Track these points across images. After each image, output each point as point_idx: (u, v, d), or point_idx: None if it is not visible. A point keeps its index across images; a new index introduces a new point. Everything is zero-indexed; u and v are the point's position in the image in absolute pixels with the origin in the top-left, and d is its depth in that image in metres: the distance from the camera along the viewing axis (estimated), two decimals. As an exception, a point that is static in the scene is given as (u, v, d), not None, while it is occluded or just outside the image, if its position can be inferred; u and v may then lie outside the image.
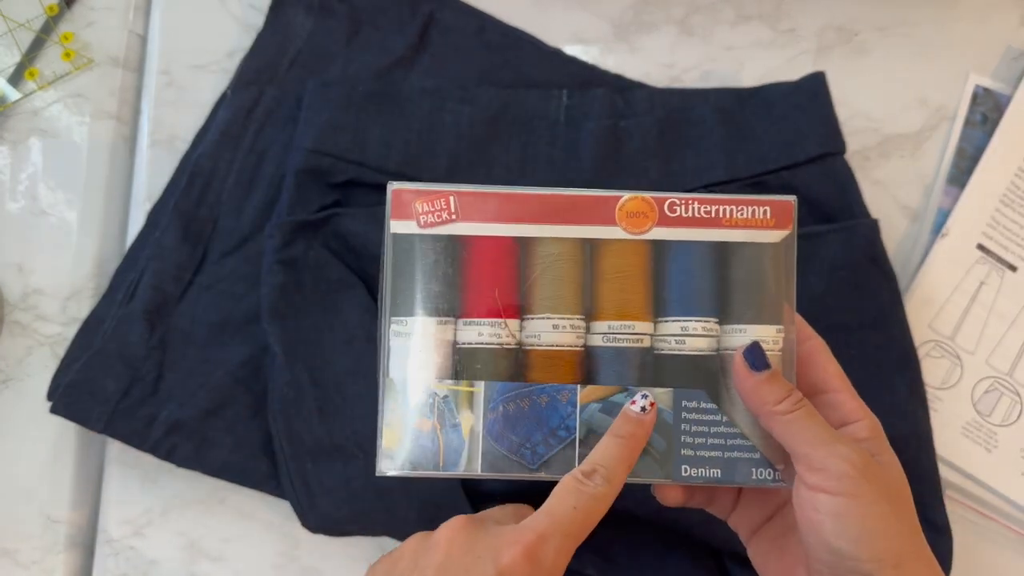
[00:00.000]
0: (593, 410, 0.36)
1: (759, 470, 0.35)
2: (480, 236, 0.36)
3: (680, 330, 0.36)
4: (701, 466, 0.36)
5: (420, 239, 0.36)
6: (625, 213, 0.36)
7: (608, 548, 0.49)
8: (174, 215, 0.54)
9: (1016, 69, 0.59)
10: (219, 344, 0.52)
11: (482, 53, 0.58)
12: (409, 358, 0.36)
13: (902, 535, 0.32)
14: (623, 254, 0.36)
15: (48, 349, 0.54)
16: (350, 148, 0.52)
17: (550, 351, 0.36)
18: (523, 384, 0.36)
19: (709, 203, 0.36)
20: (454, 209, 0.36)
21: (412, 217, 0.36)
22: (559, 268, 0.36)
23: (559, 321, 0.36)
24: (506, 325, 0.36)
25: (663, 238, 0.36)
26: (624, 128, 0.53)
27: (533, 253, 0.36)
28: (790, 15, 0.60)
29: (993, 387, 0.54)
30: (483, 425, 0.36)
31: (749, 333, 0.36)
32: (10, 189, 0.57)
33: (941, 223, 0.56)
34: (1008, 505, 0.52)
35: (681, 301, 0.36)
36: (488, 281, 0.36)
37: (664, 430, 0.35)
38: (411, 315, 0.36)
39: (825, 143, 0.52)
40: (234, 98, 0.56)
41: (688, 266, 0.36)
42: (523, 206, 0.36)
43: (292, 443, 0.48)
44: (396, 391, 0.36)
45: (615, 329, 0.36)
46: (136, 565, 0.52)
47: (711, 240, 0.36)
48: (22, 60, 0.59)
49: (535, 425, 0.35)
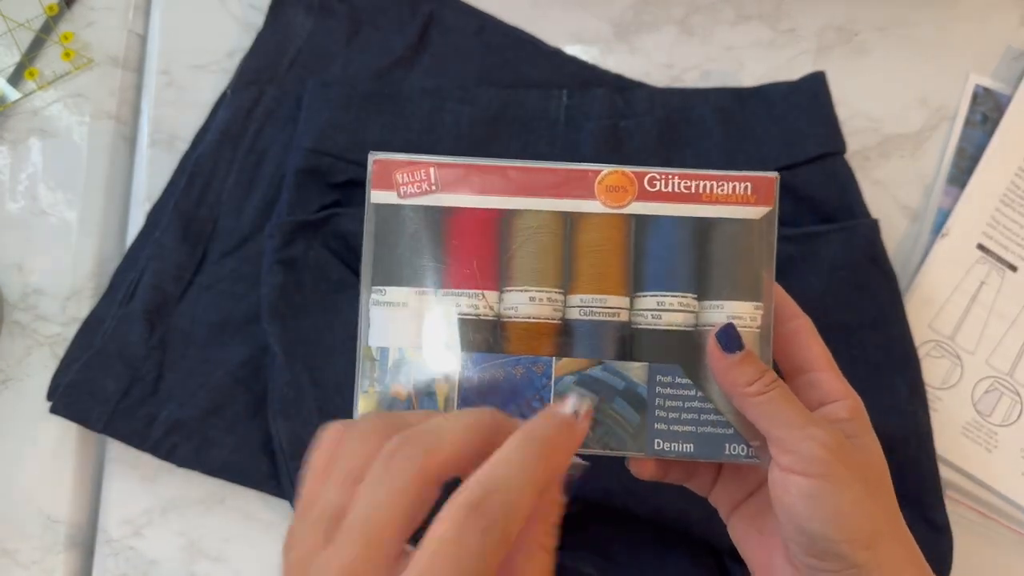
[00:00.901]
0: (568, 383, 0.35)
1: (732, 446, 0.35)
2: (460, 207, 0.36)
3: (656, 305, 0.36)
4: (674, 440, 0.35)
5: (400, 209, 0.36)
6: (604, 187, 0.36)
7: (608, 547, 0.49)
8: (174, 215, 0.54)
9: (1016, 69, 0.59)
10: (219, 344, 0.52)
11: (482, 53, 0.58)
12: (387, 327, 0.36)
13: (876, 516, 0.32)
14: (601, 228, 0.36)
15: (48, 349, 0.54)
16: (350, 148, 0.52)
17: (527, 323, 0.36)
18: (498, 355, 0.35)
19: (690, 178, 0.36)
20: (435, 180, 0.36)
21: (393, 188, 0.36)
22: (538, 240, 0.36)
23: (536, 293, 0.36)
24: (484, 296, 0.36)
25: (642, 212, 0.36)
26: (624, 128, 0.53)
27: (513, 225, 0.36)
28: (790, 15, 0.60)
29: (993, 387, 0.54)
30: (458, 394, 0.35)
31: (727, 309, 0.35)
32: (10, 189, 0.57)
33: (941, 223, 0.56)
34: (1008, 505, 0.52)
35: (658, 276, 0.36)
36: (467, 253, 0.36)
37: (638, 404, 0.35)
38: (391, 285, 0.36)
39: (825, 143, 0.52)
40: (234, 98, 0.56)
41: (667, 241, 0.36)
42: (503, 178, 0.36)
43: (292, 443, 0.48)
44: (373, 359, 0.36)
45: (589, 303, 0.36)
46: (136, 565, 0.52)
47: (691, 215, 0.36)
48: (22, 60, 0.59)
49: (509, 396, 0.35)
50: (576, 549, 0.48)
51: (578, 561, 0.48)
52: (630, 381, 0.36)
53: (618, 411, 0.36)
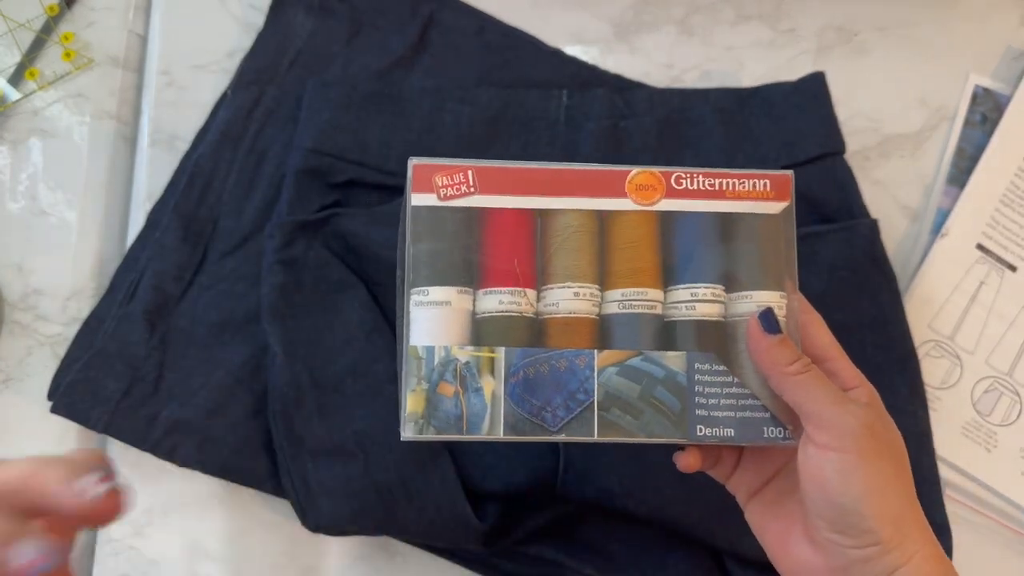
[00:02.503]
0: (610, 374, 0.36)
1: (770, 429, 0.36)
2: (498, 208, 0.37)
3: (690, 296, 0.37)
4: (715, 426, 0.36)
5: (440, 211, 0.37)
6: (635, 186, 0.37)
7: (608, 548, 0.49)
8: (174, 215, 0.54)
9: (1016, 69, 0.59)
10: (220, 344, 0.52)
11: (482, 53, 0.58)
12: (431, 326, 0.37)
13: (901, 496, 0.33)
14: (634, 224, 0.37)
15: (48, 349, 0.54)
16: (350, 148, 0.52)
17: (568, 318, 0.37)
18: (542, 349, 0.36)
19: (713, 176, 0.37)
20: (472, 182, 0.37)
21: (432, 190, 0.37)
22: (576, 239, 0.37)
23: (578, 289, 0.37)
24: (524, 294, 0.37)
25: (670, 209, 0.37)
26: (624, 128, 0.53)
27: (550, 225, 0.37)
28: (790, 15, 0.60)
29: (993, 387, 0.54)
30: (504, 389, 0.36)
31: (754, 299, 0.37)
32: (10, 189, 0.57)
33: (941, 223, 0.56)
34: (1007, 504, 0.52)
35: (689, 269, 0.37)
36: (507, 251, 0.37)
37: (679, 392, 0.36)
38: (432, 285, 0.37)
39: (825, 143, 0.52)
40: (234, 98, 0.56)
41: (694, 236, 0.37)
42: (539, 180, 0.37)
43: (292, 443, 0.48)
44: (419, 358, 0.36)
45: (628, 296, 0.37)
46: (137, 565, 0.52)
47: (715, 211, 0.37)
48: (22, 60, 0.59)
49: (555, 389, 0.36)
50: (576, 549, 0.48)
51: (578, 561, 0.48)
52: (669, 370, 0.37)
53: (660, 399, 0.36)
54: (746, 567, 0.47)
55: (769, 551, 0.37)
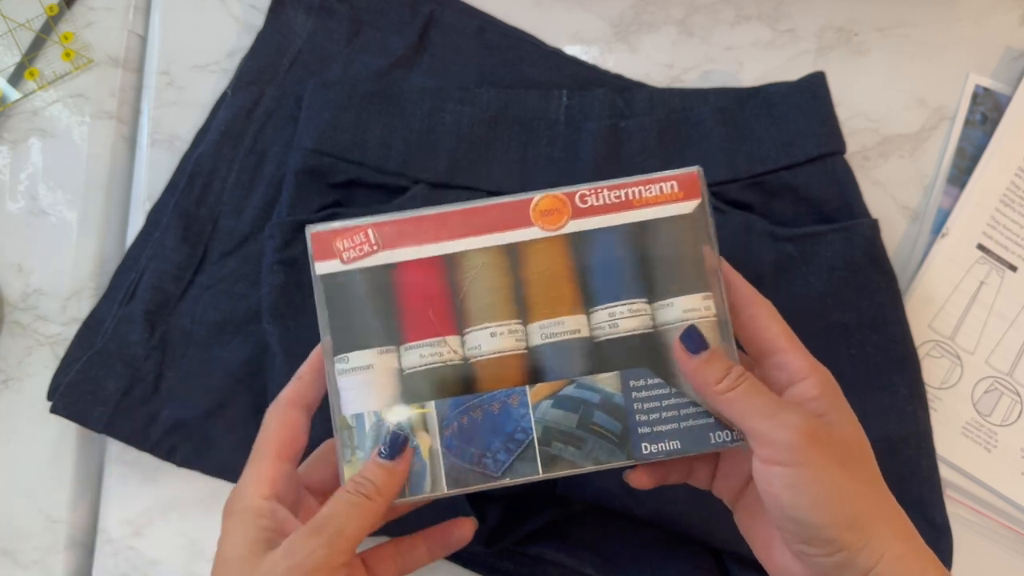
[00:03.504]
0: (546, 407, 0.36)
1: (716, 434, 0.36)
2: (405, 261, 0.36)
3: (608, 316, 0.36)
4: (660, 441, 0.36)
5: (347, 275, 0.36)
6: (539, 212, 0.37)
7: (608, 548, 0.49)
8: (174, 215, 0.54)
9: (1016, 69, 0.59)
10: (220, 344, 0.52)
11: (482, 53, 0.58)
12: (357, 393, 0.36)
13: (858, 496, 0.32)
14: (544, 253, 0.37)
15: (48, 349, 0.54)
16: (350, 148, 0.52)
17: (494, 359, 0.36)
18: (472, 395, 0.36)
19: (618, 187, 0.37)
20: (374, 240, 0.36)
21: (335, 255, 0.37)
22: (487, 277, 0.36)
23: (496, 328, 0.36)
24: (446, 343, 0.36)
25: (580, 230, 0.36)
26: (624, 128, 0.53)
27: (459, 267, 0.37)
28: (790, 15, 0.60)
29: (993, 387, 0.54)
30: (441, 443, 0.36)
31: (677, 305, 0.36)
32: (10, 189, 0.57)
33: (941, 223, 0.56)
34: (1008, 505, 0.52)
35: (606, 288, 0.37)
36: (421, 303, 0.36)
37: (617, 413, 0.36)
38: (351, 350, 0.36)
39: (825, 143, 0.52)
40: (234, 98, 0.56)
41: (609, 253, 0.37)
42: (441, 224, 0.36)
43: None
44: (349, 427, 0.36)
45: (547, 327, 0.36)
46: (136, 565, 0.52)
47: (627, 223, 0.36)
48: (22, 60, 0.59)
49: (492, 433, 0.36)
50: (576, 549, 0.48)
51: (578, 561, 0.48)
52: (605, 392, 0.36)
53: (599, 424, 0.36)
54: (746, 567, 0.47)
55: (758, 557, 0.36)
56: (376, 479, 0.34)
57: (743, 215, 0.51)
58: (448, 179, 0.52)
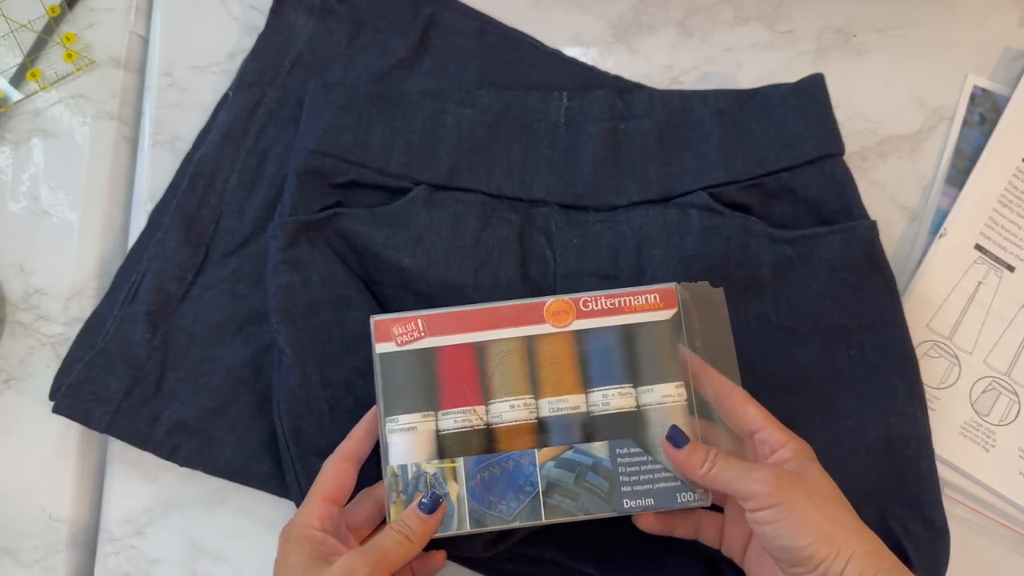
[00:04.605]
0: (550, 467, 0.44)
1: (682, 494, 0.44)
2: (445, 346, 0.45)
3: (602, 397, 0.45)
4: (638, 498, 0.44)
5: (399, 355, 0.45)
6: (551, 313, 0.46)
7: (608, 548, 0.49)
8: (176, 215, 0.54)
9: (1014, 70, 0.59)
10: (221, 344, 0.52)
11: (483, 55, 0.58)
12: (403, 448, 0.44)
13: (825, 517, 0.39)
14: (553, 344, 0.46)
15: (50, 349, 0.55)
16: (351, 149, 0.52)
17: (511, 426, 0.45)
18: (493, 455, 0.45)
19: (613, 297, 0.46)
20: (422, 328, 0.46)
21: (391, 339, 0.45)
22: (509, 362, 0.45)
23: (514, 402, 0.45)
24: (475, 411, 0.45)
25: (582, 328, 0.46)
26: (624, 130, 0.53)
27: (488, 353, 0.46)
28: (789, 16, 0.60)
29: (991, 387, 0.54)
30: (466, 491, 0.44)
31: (656, 391, 0.45)
32: (12, 189, 0.57)
33: (939, 223, 0.56)
34: (1006, 504, 0.52)
35: (601, 375, 0.45)
36: (456, 379, 0.45)
37: (606, 474, 0.44)
38: (401, 414, 0.45)
39: (824, 144, 0.52)
40: (236, 99, 0.56)
41: (603, 346, 0.46)
42: (475, 318, 0.46)
43: (299, 442, 0.48)
44: (396, 475, 0.44)
45: (554, 403, 0.45)
46: (138, 564, 0.52)
47: (618, 324, 0.46)
48: (24, 61, 0.59)
49: (507, 485, 0.44)
50: (576, 549, 0.48)
51: (578, 561, 0.48)
52: (596, 457, 0.44)
53: (591, 482, 0.44)
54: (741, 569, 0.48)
55: None
56: (415, 527, 0.42)
57: (742, 217, 0.51)
58: (449, 181, 0.52)
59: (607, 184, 0.53)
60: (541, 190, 0.53)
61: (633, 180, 0.53)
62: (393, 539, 0.42)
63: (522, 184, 0.53)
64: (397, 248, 0.51)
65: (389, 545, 0.41)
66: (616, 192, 0.53)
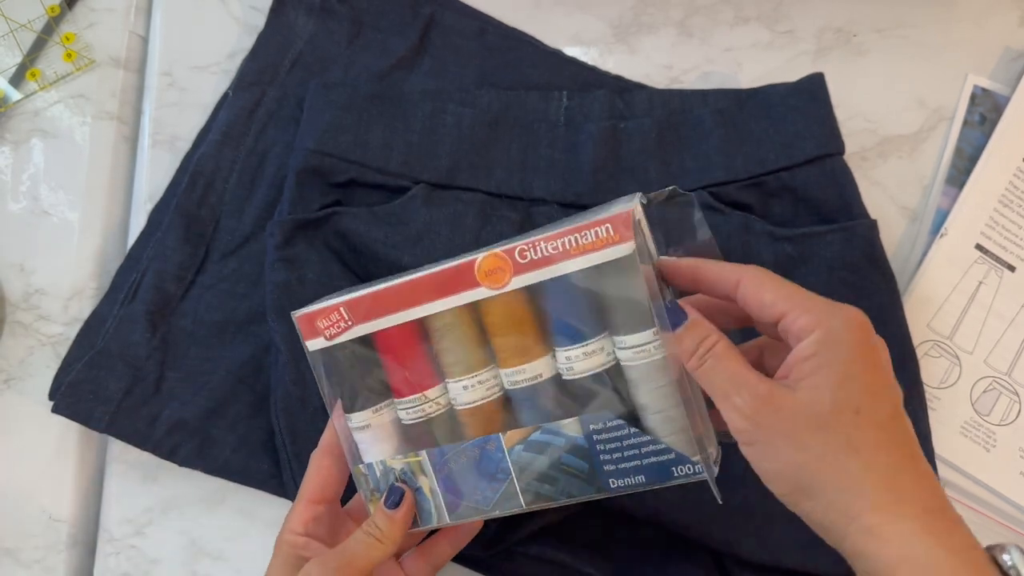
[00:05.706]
0: (519, 451, 0.39)
1: (679, 468, 0.37)
2: (379, 331, 0.39)
3: (565, 359, 0.38)
4: (625, 476, 0.37)
5: (333, 349, 0.40)
6: (484, 273, 0.37)
7: (608, 548, 0.49)
8: (176, 215, 0.54)
9: (1014, 69, 0.59)
10: (221, 343, 0.52)
11: (483, 55, 0.58)
12: (368, 445, 0.41)
13: (805, 467, 0.32)
14: (499, 306, 0.38)
15: (50, 349, 0.55)
16: (351, 149, 0.52)
17: (471, 408, 0.39)
18: (455, 445, 0.40)
19: (554, 238, 0.36)
20: (347, 316, 0.39)
21: (319, 334, 0.40)
22: (453, 336, 0.39)
23: (467, 382, 0.39)
24: (426, 397, 0.40)
25: (523, 285, 0.37)
26: (624, 130, 0.53)
27: (430, 327, 0.39)
28: (789, 16, 0.60)
29: (991, 387, 0.54)
30: (438, 484, 0.40)
31: (628, 342, 0.37)
32: (12, 189, 0.57)
33: (940, 223, 0.56)
34: (1006, 504, 0.52)
35: (562, 332, 0.38)
36: (398, 365, 0.40)
37: (582, 454, 0.38)
38: (352, 412, 0.41)
39: (824, 144, 0.52)
40: (235, 99, 0.56)
41: (560, 300, 0.37)
42: (401, 294, 0.39)
43: (296, 441, 0.49)
44: (363, 475, 0.41)
45: (511, 375, 0.39)
46: (137, 564, 0.52)
47: (569, 271, 0.36)
48: (23, 61, 0.59)
49: (477, 475, 0.39)
50: (576, 549, 0.48)
51: (578, 561, 0.48)
52: (568, 437, 0.38)
53: (568, 464, 0.38)
54: (745, 568, 0.48)
55: None
56: (383, 525, 0.40)
57: (742, 216, 0.51)
58: (449, 180, 0.52)
59: (607, 183, 0.53)
60: (541, 189, 0.53)
61: (633, 179, 0.53)
62: (362, 542, 0.40)
63: (522, 183, 0.53)
64: (396, 246, 0.51)
65: (356, 549, 0.40)
66: (616, 191, 0.53)
